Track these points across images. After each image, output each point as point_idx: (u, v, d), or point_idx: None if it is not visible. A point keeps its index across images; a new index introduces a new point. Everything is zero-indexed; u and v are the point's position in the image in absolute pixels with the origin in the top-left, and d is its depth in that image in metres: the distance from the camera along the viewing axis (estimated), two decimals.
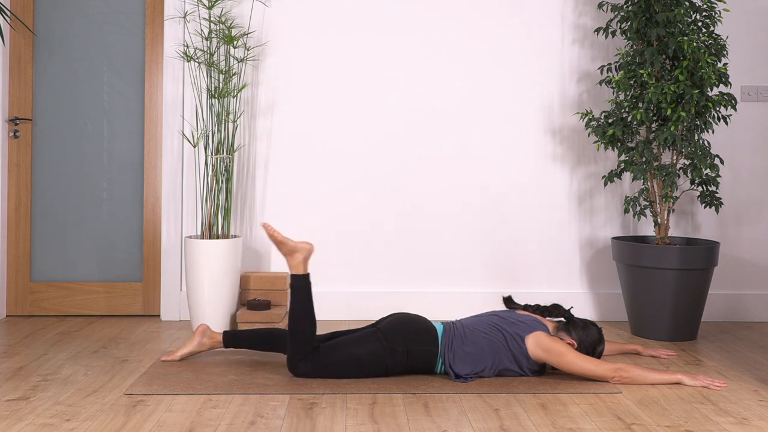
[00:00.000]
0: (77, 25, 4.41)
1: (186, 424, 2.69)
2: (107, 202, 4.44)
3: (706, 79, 3.84)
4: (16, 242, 4.40)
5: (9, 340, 3.83)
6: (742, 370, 3.45)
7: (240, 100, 4.40)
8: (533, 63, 4.46)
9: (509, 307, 3.48)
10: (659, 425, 2.73)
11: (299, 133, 4.43)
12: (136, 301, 4.44)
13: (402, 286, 4.47)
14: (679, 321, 3.96)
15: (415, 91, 4.44)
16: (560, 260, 4.49)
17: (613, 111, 4.09)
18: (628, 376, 3.17)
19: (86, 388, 3.08)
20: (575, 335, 3.28)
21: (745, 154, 4.50)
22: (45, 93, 4.41)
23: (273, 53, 4.42)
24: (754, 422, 2.77)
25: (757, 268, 4.50)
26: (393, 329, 3.22)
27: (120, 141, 4.44)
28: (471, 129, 4.46)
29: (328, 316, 4.44)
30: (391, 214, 4.46)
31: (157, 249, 4.43)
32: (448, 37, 4.44)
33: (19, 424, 2.68)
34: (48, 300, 4.41)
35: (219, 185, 4.14)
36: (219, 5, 4.37)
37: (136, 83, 4.44)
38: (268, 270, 4.44)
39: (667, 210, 4.07)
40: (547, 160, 4.48)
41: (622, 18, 4.09)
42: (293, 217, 4.44)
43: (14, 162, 4.40)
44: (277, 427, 2.68)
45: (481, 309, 4.46)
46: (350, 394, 3.04)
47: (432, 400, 2.98)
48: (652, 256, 3.93)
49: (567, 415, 2.82)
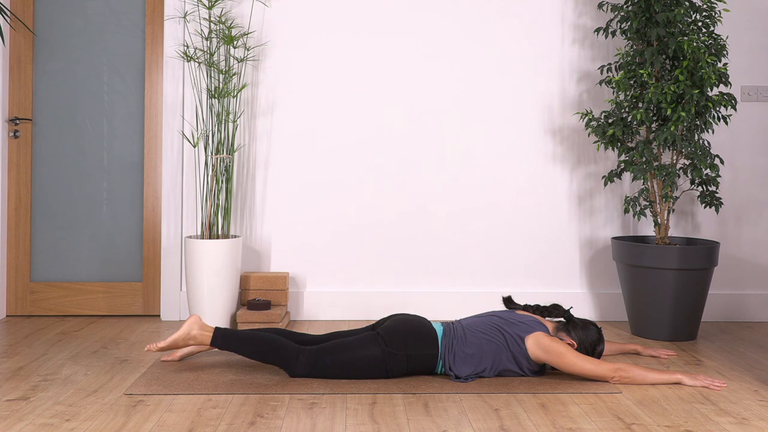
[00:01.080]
0: (77, 25, 4.41)
1: (186, 424, 2.69)
2: (107, 202, 4.44)
3: (706, 79, 3.84)
4: (16, 242, 4.40)
5: (9, 340, 3.83)
6: (742, 370, 3.45)
7: (240, 100, 4.40)
8: (533, 63, 4.46)
9: (509, 307, 3.48)
10: (659, 425, 2.73)
11: (299, 133, 4.43)
12: (136, 301, 4.44)
13: (402, 286, 4.47)
14: (679, 321, 3.96)
15: (414, 91, 4.44)
16: (560, 260, 4.49)
17: (613, 111, 4.09)
18: (628, 376, 3.17)
19: (86, 388, 3.08)
20: (575, 335, 3.28)
21: (745, 154, 4.50)
22: (45, 93, 4.41)
23: (273, 53, 4.42)
24: (754, 422, 2.77)
25: (757, 268, 4.50)
26: (393, 333, 3.20)
27: (120, 141, 4.44)
28: (471, 129, 4.46)
29: (328, 316, 4.44)
30: (391, 214, 4.46)
31: (157, 249, 4.43)
32: (447, 37, 4.44)
33: (19, 424, 2.68)
34: (48, 300, 4.41)
35: (219, 185, 4.14)
36: (219, 5, 4.37)
37: (136, 83, 4.44)
38: (268, 270, 4.44)
39: (667, 210, 4.07)
40: (547, 160, 4.48)
41: (622, 18, 4.09)
42: (293, 217, 4.44)
43: (14, 162, 4.40)
44: (277, 427, 2.68)
45: (481, 309, 4.46)
46: (350, 394, 3.04)
47: (432, 400, 2.98)
48: (652, 256, 3.93)
49: (567, 415, 2.82)
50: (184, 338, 3.27)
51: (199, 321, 3.29)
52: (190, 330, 3.27)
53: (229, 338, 3.23)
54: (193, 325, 3.28)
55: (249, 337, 3.22)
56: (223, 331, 3.25)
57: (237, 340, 3.21)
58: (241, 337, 3.22)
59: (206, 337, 3.26)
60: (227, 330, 3.25)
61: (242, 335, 3.23)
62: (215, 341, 3.24)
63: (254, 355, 3.19)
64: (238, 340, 3.21)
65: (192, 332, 3.27)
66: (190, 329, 3.27)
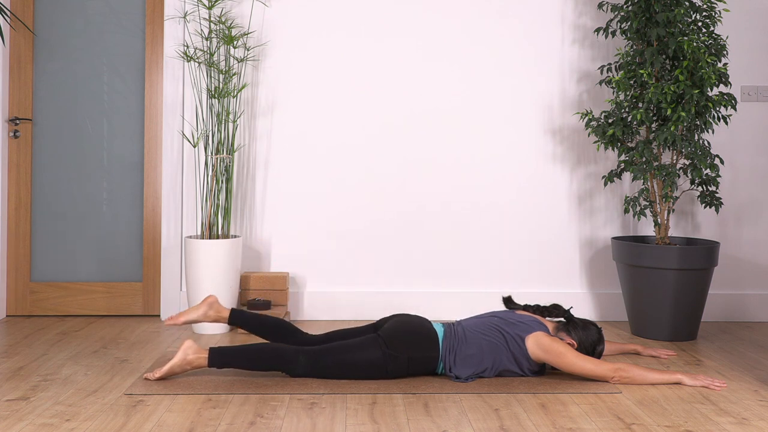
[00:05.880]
0: (77, 25, 4.41)
1: (186, 424, 2.69)
2: (107, 202, 4.44)
3: (706, 79, 3.84)
4: (16, 242, 4.40)
5: (9, 340, 3.83)
6: (742, 370, 3.45)
7: (240, 100, 4.40)
8: (533, 63, 4.46)
9: (509, 308, 3.48)
10: (659, 425, 2.73)
11: (299, 133, 4.43)
12: (136, 301, 4.44)
13: (402, 286, 4.47)
14: (679, 321, 3.96)
15: (414, 91, 4.45)
16: (560, 260, 4.49)
17: (613, 111, 4.09)
18: (628, 376, 3.17)
19: (86, 388, 3.08)
20: (575, 335, 3.28)
21: (745, 154, 4.50)
22: (45, 93, 4.41)
23: (273, 53, 4.42)
24: (754, 422, 2.77)
25: (757, 268, 4.50)
26: (394, 335, 3.20)
27: (120, 141, 4.44)
28: (471, 129, 4.46)
29: (328, 316, 4.44)
30: (390, 214, 4.46)
31: (157, 249, 4.43)
32: (447, 37, 4.44)
33: (19, 424, 2.68)
34: (48, 300, 4.41)
35: (219, 185, 4.14)
36: (219, 5, 4.37)
37: (136, 83, 4.44)
38: (268, 270, 4.44)
39: (667, 210, 4.07)
40: (547, 160, 4.48)
41: (622, 18, 4.09)
42: (293, 217, 4.44)
43: (14, 162, 4.40)
44: (277, 427, 2.68)
45: (481, 309, 4.46)
46: (350, 394, 3.04)
47: (432, 400, 2.98)
48: (652, 256, 3.93)
49: (567, 415, 2.82)
50: (180, 365, 3.16)
51: (192, 345, 3.18)
52: (185, 356, 3.16)
53: (226, 356, 3.15)
54: (188, 351, 3.17)
55: (245, 350, 3.15)
56: (218, 350, 3.16)
57: (234, 357, 3.14)
58: (237, 352, 3.15)
59: (203, 359, 3.16)
60: (222, 348, 3.17)
61: (238, 351, 3.16)
62: (212, 362, 3.15)
63: (254, 366, 3.15)
64: (235, 356, 3.14)
65: (188, 357, 3.16)
66: (185, 355, 3.16)
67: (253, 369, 3.16)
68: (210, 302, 3.42)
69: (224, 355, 3.14)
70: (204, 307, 3.41)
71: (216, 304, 3.43)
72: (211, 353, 3.15)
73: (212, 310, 3.41)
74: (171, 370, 3.15)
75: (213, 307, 3.41)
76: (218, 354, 3.14)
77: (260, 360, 3.14)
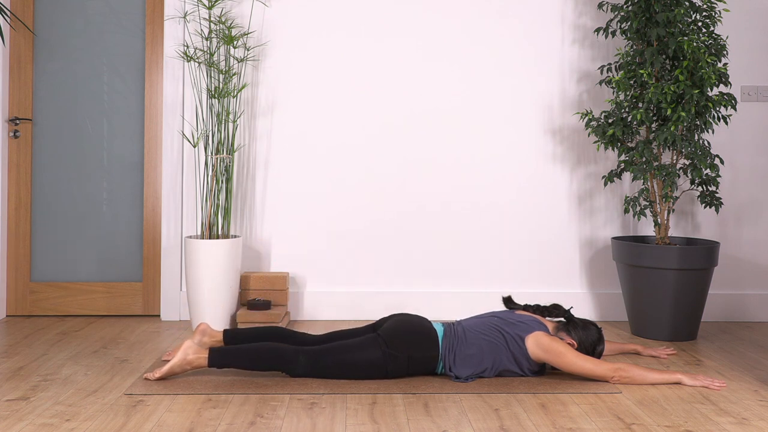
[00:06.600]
0: (77, 25, 4.41)
1: (186, 424, 2.69)
2: (107, 202, 4.44)
3: (706, 79, 3.84)
4: (16, 242, 4.40)
5: (9, 340, 3.83)
6: (742, 370, 3.45)
7: (240, 100, 4.40)
8: (533, 63, 4.46)
9: (509, 308, 3.48)
10: (659, 425, 2.73)
11: (299, 133, 4.43)
12: (136, 301, 4.44)
13: (402, 286, 4.47)
14: (679, 321, 3.96)
15: (414, 91, 4.45)
16: (560, 260, 4.49)
17: (613, 111, 4.09)
18: (627, 376, 3.17)
19: (86, 388, 3.08)
20: (575, 335, 3.28)
21: (745, 154, 4.50)
22: (45, 93, 4.41)
23: (273, 53, 4.42)
24: (754, 422, 2.77)
25: (757, 268, 4.50)
26: (394, 335, 3.20)
27: (120, 141, 4.44)
28: (471, 129, 4.46)
29: (328, 316, 4.44)
30: (391, 214, 4.46)
31: (157, 249, 4.43)
32: (447, 37, 4.44)
33: (19, 424, 2.68)
34: (48, 300, 4.41)
35: (219, 185, 4.14)
36: (219, 5, 4.37)
37: (136, 83, 4.44)
38: (268, 270, 4.44)
39: (667, 210, 4.07)
40: (547, 160, 4.48)
41: (622, 18, 4.09)
42: (293, 217, 4.44)
43: (14, 162, 4.40)
44: (277, 427, 2.68)
45: (481, 309, 4.46)
46: (350, 394, 3.04)
47: (432, 400, 2.98)
48: (652, 256, 3.93)
49: (567, 415, 2.82)
50: (180, 365, 3.16)
51: (192, 345, 3.19)
52: (185, 356, 3.17)
53: (226, 356, 3.15)
54: (188, 351, 3.17)
55: (245, 350, 3.16)
56: (218, 350, 3.17)
57: (234, 357, 3.15)
58: (237, 352, 3.16)
59: (203, 359, 3.17)
60: (222, 348, 3.17)
61: (238, 351, 3.16)
62: (212, 362, 3.15)
63: (254, 366, 3.15)
64: (235, 357, 3.15)
65: (188, 357, 3.17)
66: (185, 355, 3.16)
67: (253, 369, 3.16)
68: (202, 330, 3.39)
69: (224, 355, 3.15)
70: (198, 336, 3.37)
71: (209, 329, 3.39)
72: (211, 353, 3.15)
73: (206, 336, 3.37)
74: (171, 370, 3.16)
75: (207, 333, 3.38)
76: (218, 354, 3.15)
77: (260, 360, 3.14)
